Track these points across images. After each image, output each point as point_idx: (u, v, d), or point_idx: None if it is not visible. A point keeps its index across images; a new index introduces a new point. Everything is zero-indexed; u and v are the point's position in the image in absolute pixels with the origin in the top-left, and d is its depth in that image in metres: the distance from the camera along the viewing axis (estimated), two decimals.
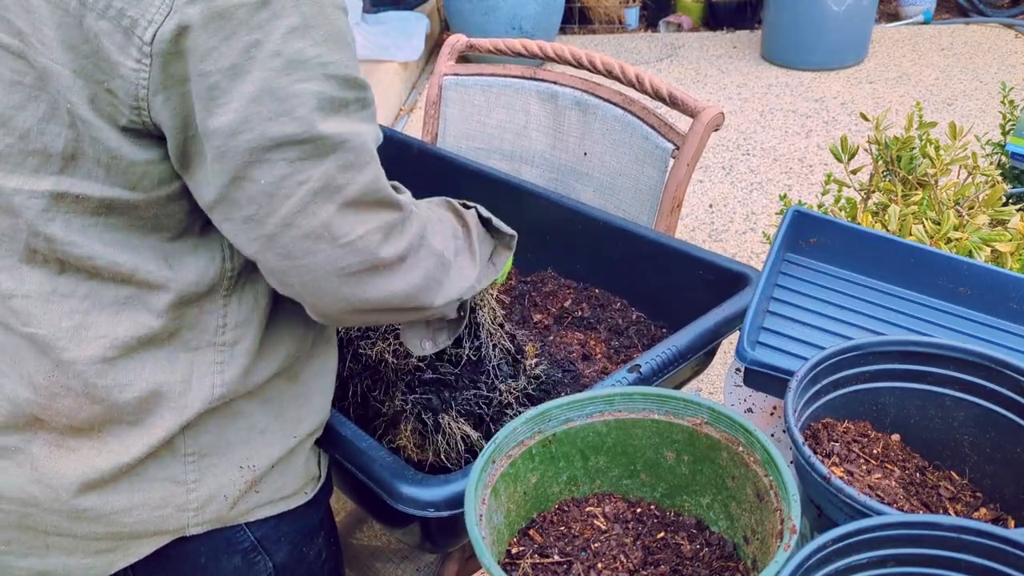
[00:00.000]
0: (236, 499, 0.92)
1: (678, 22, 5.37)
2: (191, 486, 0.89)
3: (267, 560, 0.98)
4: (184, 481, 0.88)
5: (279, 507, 0.97)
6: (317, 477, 1.03)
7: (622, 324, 1.45)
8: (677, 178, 1.56)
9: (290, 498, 0.98)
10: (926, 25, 5.10)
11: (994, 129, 2.67)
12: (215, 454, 0.90)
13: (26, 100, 0.76)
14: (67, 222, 0.79)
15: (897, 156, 1.59)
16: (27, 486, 0.85)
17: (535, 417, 0.85)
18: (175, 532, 0.90)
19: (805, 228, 1.21)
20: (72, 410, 0.83)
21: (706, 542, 0.85)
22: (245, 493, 0.92)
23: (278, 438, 0.94)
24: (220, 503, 0.91)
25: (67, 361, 0.82)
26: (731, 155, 3.71)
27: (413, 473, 0.96)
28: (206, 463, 0.89)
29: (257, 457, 0.93)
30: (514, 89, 1.84)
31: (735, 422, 0.82)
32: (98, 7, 0.71)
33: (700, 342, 1.18)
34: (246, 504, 0.93)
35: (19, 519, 0.87)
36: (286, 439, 0.95)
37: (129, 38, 0.71)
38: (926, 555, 0.71)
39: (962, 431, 0.92)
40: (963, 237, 1.37)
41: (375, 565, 1.86)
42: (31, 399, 0.83)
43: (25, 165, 0.78)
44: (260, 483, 0.94)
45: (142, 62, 0.71)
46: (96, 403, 0.83)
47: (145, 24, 0.70)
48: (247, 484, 0.92)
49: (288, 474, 0.97)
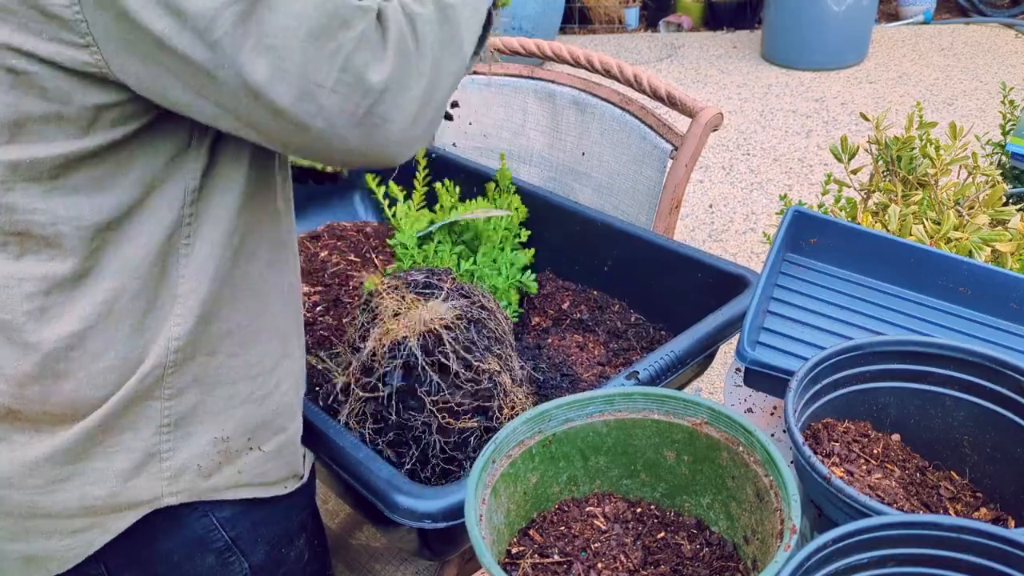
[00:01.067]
0: (211, 471, 0.91)
1: (678, 22, 5.37)
2: (164, 455, 0.89)
3: (242, 561, 0.97)
4: (158, 452, 0.89)
5: (257, 491, 0.96)
6: (300, 476, 1.02)
7: (621, 326, 1.45)
8: (676, 178, 1.56)
9: (269, 486, 0.97)
10: (926, 25, 5.10)
11: (994, 129, 2.67)
12: (190, 424, 0.90)
13: None
14: (25, 190, 0.78)
15: (897, 156, 1.58)
16: (3, 467, 0.85)
17: (535, 417, 0.85)
18: (151, 503, 0.89)
19: (805, 228, 1.21)
20: (41, 396, 0.84)
21: (706, 542, 0.85)
22: (221, 465, 0.92)
23: (251, 408, 0.94)
24: (194, 473, 0.90)
25: (33, 344, 0.82)
26: (731, 155, 3.71)
27: (409, 484, 0.96)
28: (180, 433, 0.89)
29: (230, 429, 0.92)
30: (512, 88, 1.84)
31: (735, 422, 0.82)
32: None
33: (698, 347, 1.17)
34: (223, 478, 0.93)
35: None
36: (264, 414, 0.95)
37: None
38: (926, 555, 0.71)
39: (962, 431, 0.92)
40: (963, 237, 1.37)
41: (374, 567, 1.86)
42: (3, 390, 0.83)
43: None
44: (239, 460, 0.94)
45: None
46: (66, 381, 0.83)
47: None
48: (220, 455, 0.92)
49: (271, 460, 0.96)
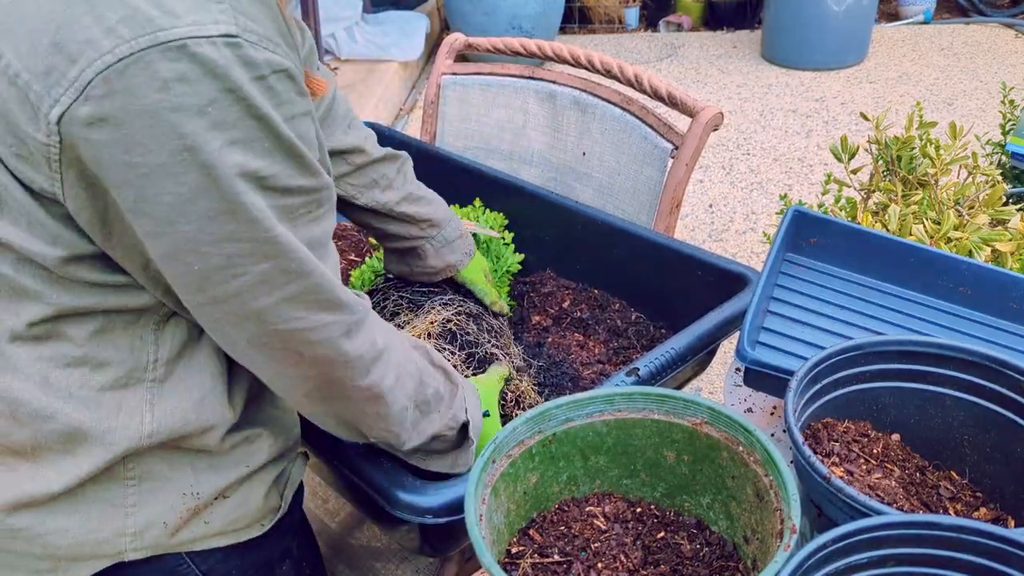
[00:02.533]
0: (177, 527, 0.88)
1: (678, 22, 5.37)
2: (130, 510, 0.86)
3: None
4: (123, 504, 0.86)
5: (229, 539, 0.93)
6: (277, 508, 0.98)
7: (621, 325, 1.45)
8: (676, 178, 1.56)
9: (242, 531, 0.94)
10: (926, 25, 5.10)
11: (994, 129, 2.67)
12: (159, 478, 0.87)
13: None
14: (5, 260, 0.77)
15: (897, 156, 1.58)
16: None
17: (535, 417, 0.85)
18: (112, 556, 0.86)
19: (805, 228, 1.21)
20: (4, 430, 0.82)
21: (706, 542, 0.85)
22: (188, 521, 0.89)
23: (228, 468, 0.91)
24: (159, 529, 0.87)
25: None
26: (731, 155, 3.71)
27: (411, 479, 0.96)
28: (147, 487, 0.86)
29: (202, 485, 0.89)
30: (513, 88, 1.84)
31: (735, 422, 0.82)
32: (8, 73, 0.67)
33: (699, 344, 1.17)
34: (190, 533, 0.89)
35: None
36: (236, 468, 0.91)
37: (36, 113, 0.67)
38: (926, 555, 0.71)
39: (962, 431, 0.92)
40: (963, 237, 1.37)
41: (374, 565, 1.86)
42: None
43: None
44: (208, 512, 0.90)
45: (51, 138, 0.67)
46: (23, 427, 0.81)
47: (51, 103, 0.66)
48: (189, 512, 0.88)
49: (243, 506, 0.93)
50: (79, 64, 0.65)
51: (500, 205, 1.64)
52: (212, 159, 0.68)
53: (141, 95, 0.65)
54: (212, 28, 0.66)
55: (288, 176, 0.74)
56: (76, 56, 0.65)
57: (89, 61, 0.65)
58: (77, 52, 0.65)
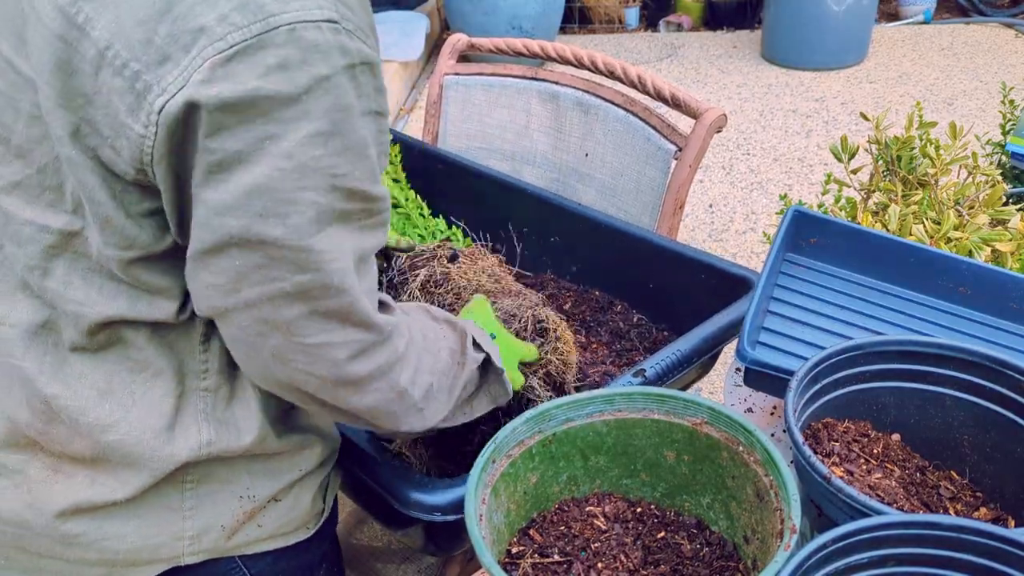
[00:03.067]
0: (234, 529, 0.89)
1: (678, 22, 5.37)
2: (187, 514, 0.86)
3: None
4: (180, 508, 0.86)
5: (279, 542, 0.94)
6: (322, 512, 0.99)
7: (623, 327, 1.45)
8: (679, 179, 1.56)
9: (290, 534, 0.95)
10: (926, 25, 5.10)
11: (994, 129, 2.67)
12: (217, 481, 0.87)
13: (43, 136, 0.74)
14: (71, 263, 0.78)
15: (897, 156, 1.58)
16: (21, 510, 0.83)
17: (535, 417, 0.85)
18: (169, 561, 0.87)
19: (805, 228, 1.21)
20: (65, 439, 0.82)
21: (706, 542, 0.85)
22: (244, 524, 0.89)
23: (282, 472, 0.91)
24: (217, 533, 0.88)
25: (48, 396, 0.80)
26: (731, 155, 3.71)
27: (419, 477, 0.96)
28: (204, 491, 0.87)
29: (258, 488, 0.89)
30: (515, 89, 1.84)
31: (735, 422, 0.82)
32: (115, 64, 0.68)
33: (705, 346, 1.18)
34: (244, 536, 0.90)
35: (15, 539, 0.85)
36: (289, 472, 0.92)
37: (140, 102, 0.67)
38: (926, 555, 0.71)
39: (962, 431, 0.92)
40: (963, 237, 1.37)
41: (376, 565, 1.86)
42: (29, 421, 0.82)
43: (42, 199, 0.76)
44: (261, 516, 0.91)
45: (149, 128, 0.68)
46: (84, 437, 0.81)
47: (158, 92, 0.67)
48: (245, 515, 0.89)
49: (294, 509, 0.94)
50: (191, 53, 0.66)
51: (502, 206, 1.64)
52: (291, 149, 0.68)
53: (241, 82, 0.65)
54: (317, 13, 0.67)
55: (355, 179, 0.73)
56: (189, 45, 0.66)
57: (201, 49, 0.65)
58: (191, 40, 0.66)
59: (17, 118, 0.75)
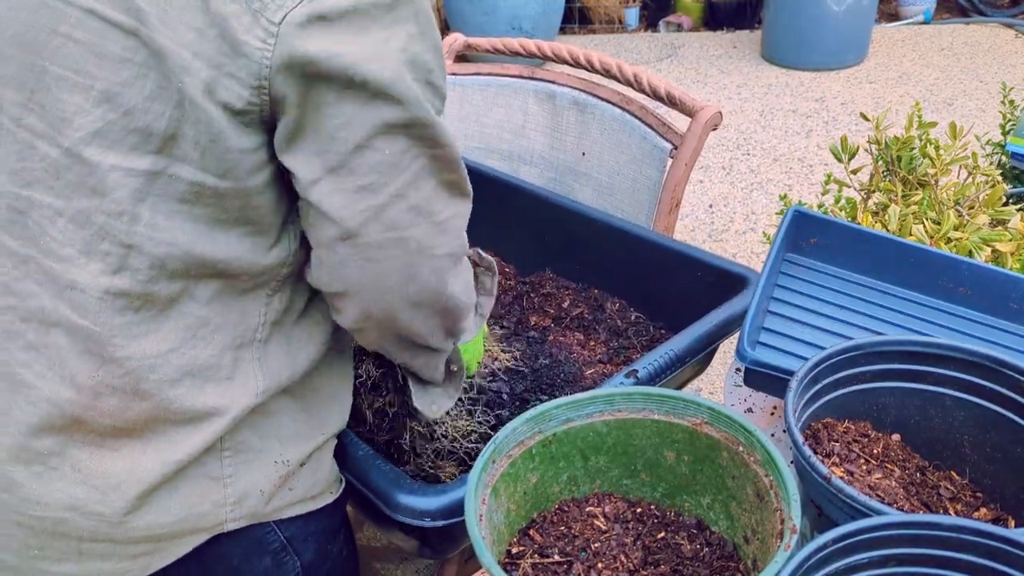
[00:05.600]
0: (272, 494, 0.92)
1: (678, 22, 5.37)
2: (227, 481, 0.89)
3: (295, 560, 0.98)
4: (220, 476, 0.89)
5: (308, 506, 0.98)
6: (340, 479, 1.04)
7: (621, 325, 1.45)
8: (675, 177, 1.56)
9: (318, 497, 0.99)
10: (926, 25, 5.10)
11: (994, 129, 2.67)
12: (251, 450, 0.91)
13: (134, 78, 0.76)
14: (155, 205, 0.79)
15: (897, 156, 1.58)
16: (70, 489, 0.83)
17: (535, 417, 0.85)
18: (212, 529, 0.89)
19: (805, 228, 1.21)
20: (117, 409, 0.83)
21: (706, 542, 0.85)
22: (279, 488, 0.93)
23: (309, 435, 0.96)
24: (256, 498, 0.91)
25: (119, 358, 0.81)
26: (731, 155, 3.71)
27: (410, 482, 0.96)
28: (241, 458, 0.90)
29: (290, 453, 0.94)
30: (512, 89, 1.84)
31: (735, 422, 0.82)
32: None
33: (698, 345, 1.17)
34: (281, 500, 0.94)
35: (53, 526, 0.84)
36: (315, 437, 0.97)
37: (256, 19, 0.73)
38: (926, 555, 0.71)
39: (962, 431, 0.92)
40: (963, 237, 1.37)
41: (375, 565, 1.86)
42: (73, 399, 0.82)
43: (124, 142, 0.77)
44: (293, 480, 0.95)
45: (267, 41, 0.74)
46: (144, 400, 0.83)
47: (275, 8, 0.73)
48: (281, 479, 0.93)
49: (318, 472, 0.98)
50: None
51: (500, 205, 1.64)
52: (404, 44, 0.78)
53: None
54: None
55: (437, 76, 0.83)
56: None
57: None
58: None
59: (101, 64, 0.76)
